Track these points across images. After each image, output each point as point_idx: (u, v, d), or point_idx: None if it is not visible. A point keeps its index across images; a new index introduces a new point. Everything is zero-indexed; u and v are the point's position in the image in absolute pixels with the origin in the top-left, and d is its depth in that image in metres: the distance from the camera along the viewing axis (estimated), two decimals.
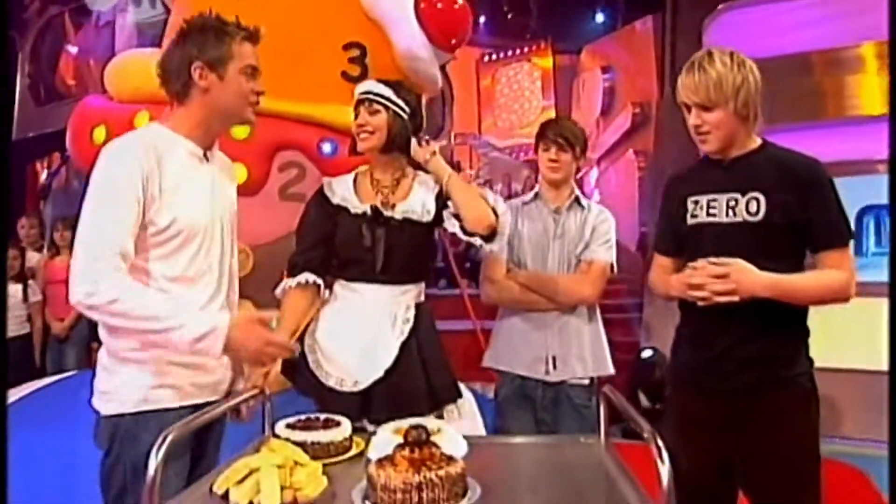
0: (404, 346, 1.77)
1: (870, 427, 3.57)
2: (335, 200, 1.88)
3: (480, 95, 13.80)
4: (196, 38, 1.49)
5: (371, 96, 1.87)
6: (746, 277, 1.51)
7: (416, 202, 1.85)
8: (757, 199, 1.56)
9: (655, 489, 1.03)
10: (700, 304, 1.54)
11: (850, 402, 3.85)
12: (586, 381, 2.20)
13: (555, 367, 2.16)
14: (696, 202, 1.65)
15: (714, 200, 1.62)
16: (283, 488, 1.09)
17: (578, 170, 2.36)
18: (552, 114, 12.20)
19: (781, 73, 4.42)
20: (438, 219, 1.85)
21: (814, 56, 4.96)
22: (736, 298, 1.50)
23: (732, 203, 1.59)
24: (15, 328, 4.37)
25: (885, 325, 1.80)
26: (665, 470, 1.01)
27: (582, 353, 2.19)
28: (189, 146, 1.51)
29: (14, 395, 3.44)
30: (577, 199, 2.26)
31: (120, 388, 1.42)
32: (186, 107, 1.51)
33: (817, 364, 1.59)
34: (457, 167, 9.07)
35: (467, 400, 1.99)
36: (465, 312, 4.97)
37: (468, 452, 1.40)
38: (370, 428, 1.63)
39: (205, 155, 1.56)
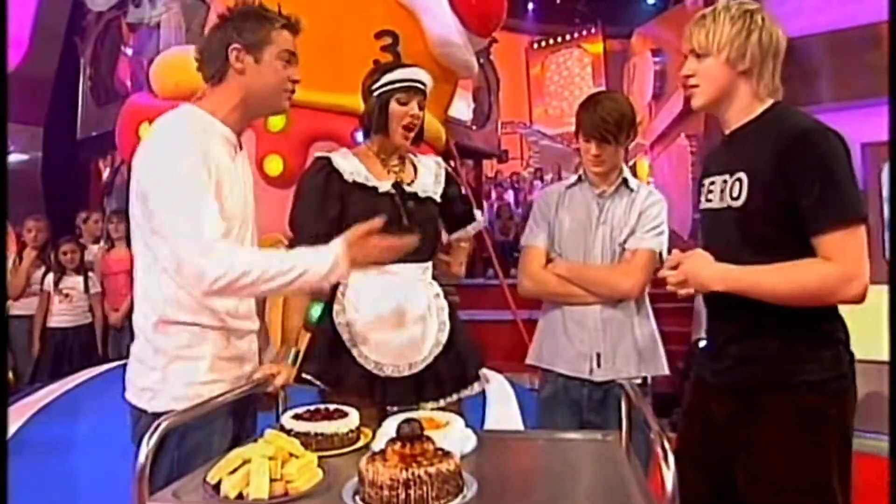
0: (444, 324, 1.78)
1: None
2: (348, 177, 1.77)
3: (530, 83, 13.62)
4: (236, 21, 1.49)
5: (421, 87, 1.80)
6: (697, 270, 1.37)
7: (428, 182, 1.85)
8: (740, 181, 1.36)
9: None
10: (680, 294, 1.43)
11: None
12: (638, 381, 1.94)
13: (599, 365, 1.95)
14: (703, 185, 1.51)
15: (713, 183, 1.46)
16: (274, 480, 1.08)
17: (626, 151, 2.18)
18: None
19: (831, 49, 4.13)
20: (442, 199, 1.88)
21: (871, 30, 4.62)
22: (690, 291, 1.39)
23: (723, 185, 1.42)
24: (78, 318, 4.59)
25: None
26: (669, 474, 0.95)
27: (629, 350, 1.97)
28: (225, 131, 1.50)
29: (74, 380, 3.65)
30: (625, 181, 2.04)
31: (170, 384, 1.41)
32: (222, 90, 1.49)
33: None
34: (505, 155, 8.96)
35: (499, 383, 1.90)
36: (507, 303, 4.90)
37: (479, 447, 1.36)
38: (429, 406, 1.71)
39: (238, 142, 1.55)
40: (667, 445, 1.00)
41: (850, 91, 4.32)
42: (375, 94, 1.79)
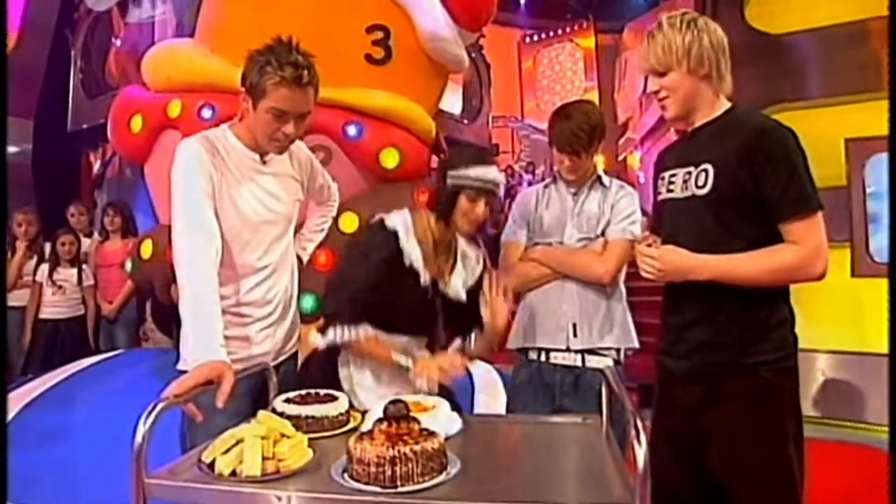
0: None
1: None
2: (407, 262, 1.78)
3: (522, 77, 13.64)
4: (252, 61, 1.56)
5: (496, 188, 1.82)
6: (676, 261, 1.47)
7: (459, 281, 1.85)
8: (706, 171, 1.47)
9: None
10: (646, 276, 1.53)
11: None
12: (609, 363, 2.10)
13: (575, 334, 2.10)
14: (663, 178, 1.61)
15: (674, 175, 1.57)
16: (266, 458, 1.12)
17: (597, 153, 2.28)
18: (595, 95, 11.96)
19: (818, 45, 4.20)
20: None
21: (868, 24, 4.68)
22: (652, 277, 1.48)
23: (686, 177, 1.53)
24: (71, 310, 4.61)
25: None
26: (641, 452, 0.99)
27: (603, 321, 2.12)
28: (243, 151, 1.65)
29: (66, 371, 3.67)
30: (598, 178, 2.19)
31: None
32: (245, 116, 1.63)
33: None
34: (496, 149, 9.00)
35: (487, 372, 1.97)
36: None
37: (464, 429, 1.41)
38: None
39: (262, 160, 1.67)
40: (639, 425, 1.05)
41: (834, 87, 4.39)
42: (449, 180, 1.80)
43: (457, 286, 1.83)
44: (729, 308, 1.46)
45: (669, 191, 1.58)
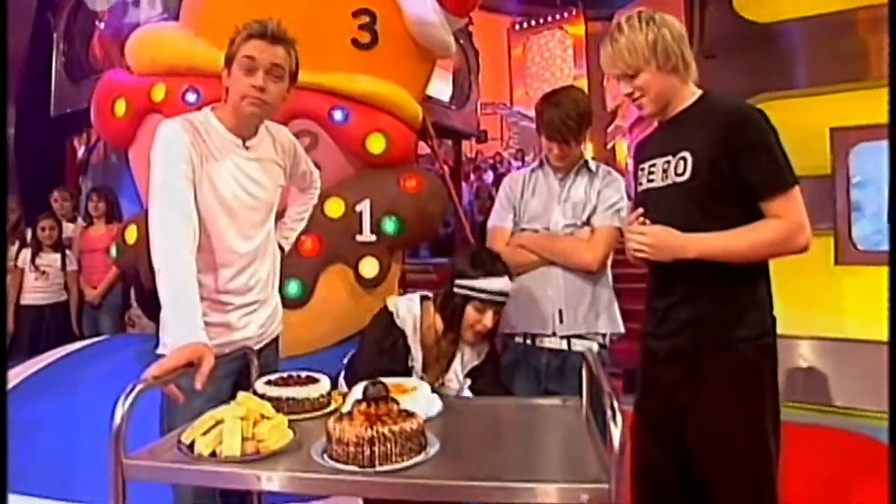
0: None
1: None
2: (409, 362, 1.87)
3: (511, 64, 13.59)
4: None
5: (504, 299, 1.87)
6: (667, 240, 1.50)
7: (454, 378, 1.91)
8: (684, 159, 1.51)
9: None
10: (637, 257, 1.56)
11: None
12: (595, 347, 2.13)
13: (562, 321, 2.12)
14: (643, 169, 1.65)
15: (654, 165, 1.60)
16: (245, 439, 1.13)
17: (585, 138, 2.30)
18: (584, 82, 11.94)
19: (805, 34, 4.22)
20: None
21: (856, 13, 4.69)
22: (642, 256, 1.52)
23: (665, 166, 1.56)
24: (54, 295, 4.59)
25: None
26: (617, 431, 1.00)
27: (588, 308, 2.14)
28: (225, 135, 1.64)
29: (49, 357, 3.65)
30: (585, 164, 2.20)
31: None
32: (226, 98, 1.64)
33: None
34: (484, 136, 8.98)
35: None
36: None
37: (444, 411, 1.42)
38: None
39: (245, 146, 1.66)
40: (615, 405, 1.06)
41: (820, 76, 4.41)
42: (457, 289, 1.84)
43: (452, 385, 1.88)
44: (711, 288, 1.50)
45: (650, 180, 1.61)
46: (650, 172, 1.61)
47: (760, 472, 1.48)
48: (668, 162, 1.55)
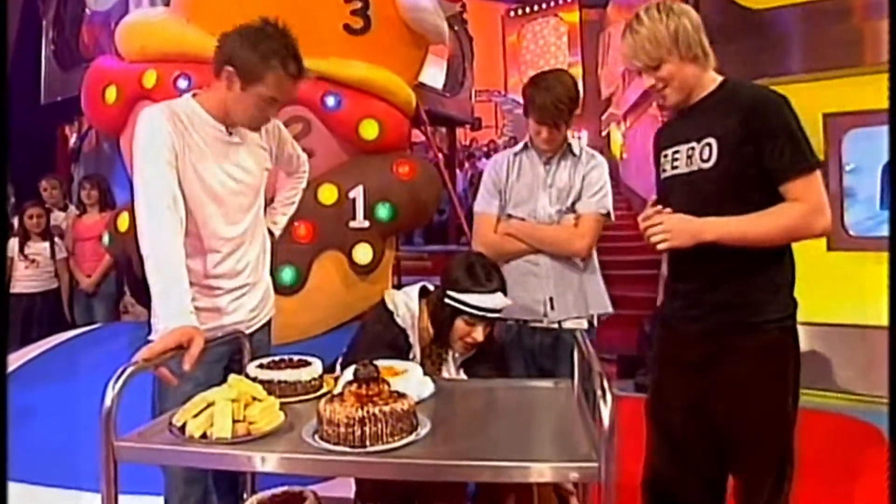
0: None
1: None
2: (411, 357, 1.87)
3: (506, 52, 13.53)
4: (245, 40, 1.53)
5: (495, 316, 1.87)
6: (683, 224, 1.51)
7: (447, 375, 1.91)
8: (709, 145, 1.52)
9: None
10: (660, 248, 1.55)
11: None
12: (585, 325, 2.16)
13: (552, 307, 2.15)
14: (666, 156, 1.64)
15: (678, 152, 1.61)
16: (236, 421, 1.13)
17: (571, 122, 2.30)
18: (578, 70, 11.90)
19: (801, 20, 4.21)
20: None
21: (838, 2, 4.68)
22: (664, 245, 1.51)
23: (690, 152, 1.57)
24: (45, 283, 4.57)
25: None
26: (606, 411, 1.01)
27: (577, 294, 2.17)
28: (211, 123, 1.61)
29: (42, 346, 3.64)
30: (569, 147, 2.20)
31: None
32: (215, 88, 1.60)
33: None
34: (478, 123, 8.96)
35: None
36: None
37: (436, 392, 1.43)
38: None
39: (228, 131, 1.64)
40: (605, 384, 1.07)
41: (814, 62, 4.41)
42: (448, 301, 1.83)
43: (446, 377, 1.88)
44: (737, 272, 1.52)
45: (674, 167, 1.61)
46: (674, 159, 1.61)
47: (781, 445, 1.54)
48: (693, 148, 1.56)
